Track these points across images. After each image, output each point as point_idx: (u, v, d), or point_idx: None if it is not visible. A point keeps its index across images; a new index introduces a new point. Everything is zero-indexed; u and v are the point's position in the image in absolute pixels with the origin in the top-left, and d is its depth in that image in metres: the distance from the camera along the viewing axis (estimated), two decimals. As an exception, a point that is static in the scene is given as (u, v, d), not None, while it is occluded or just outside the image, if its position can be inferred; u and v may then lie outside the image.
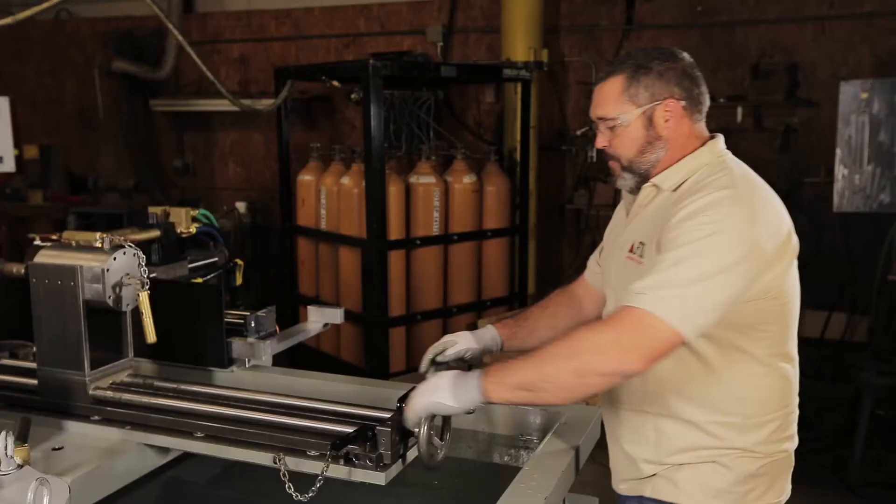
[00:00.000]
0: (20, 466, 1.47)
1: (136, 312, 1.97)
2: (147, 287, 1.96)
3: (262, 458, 1.77)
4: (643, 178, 1.82)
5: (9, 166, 4.23)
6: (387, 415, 1.78)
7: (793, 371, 1.81)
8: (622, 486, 1.90)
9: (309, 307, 2.64)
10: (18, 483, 1.42)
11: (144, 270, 2.00)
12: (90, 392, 1.99)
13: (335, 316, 2.58)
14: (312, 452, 1.75)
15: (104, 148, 6.95)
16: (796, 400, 1.82)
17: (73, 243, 2.04)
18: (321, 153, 5.55)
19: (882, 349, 4.47)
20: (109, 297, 1.93)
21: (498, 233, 5.27)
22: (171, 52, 6.59)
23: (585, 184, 6.10)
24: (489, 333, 2.07)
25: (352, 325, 4.92)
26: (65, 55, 7.75)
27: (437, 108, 5.43)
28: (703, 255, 1.59)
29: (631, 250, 1.81)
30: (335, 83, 5.21)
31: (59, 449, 1.86)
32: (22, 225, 6.69)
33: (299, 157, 5.91)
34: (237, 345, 2.31)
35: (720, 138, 1.84)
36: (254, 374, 2.34)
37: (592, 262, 2.15)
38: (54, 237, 2.20)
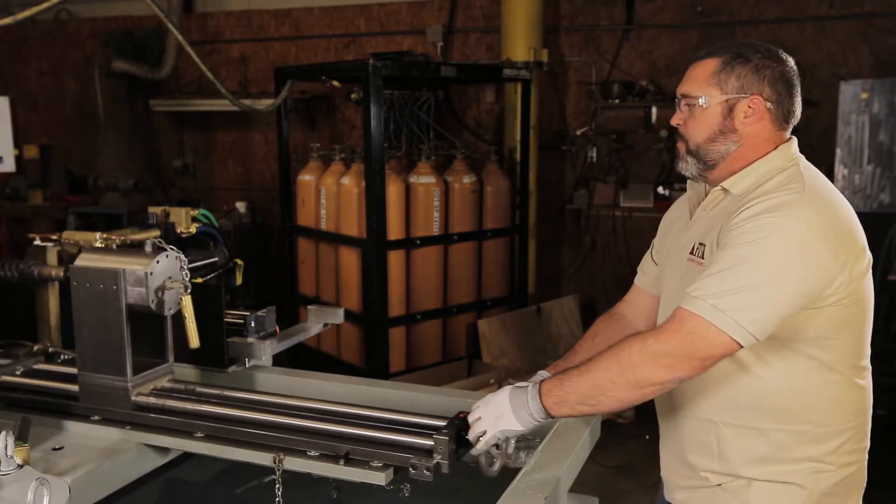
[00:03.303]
0: (20, 466, 1.48)
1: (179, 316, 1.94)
2: (189, 290, 1.94)
3: (262, 458, 1.77)
4: (706, 166, 1.76)
5: (9, 166, 4.22)
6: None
7: (867, 380, 1.80)
8: (678, 495, 1.86)
9: (309, 307, 2.64)
10: (18, 483, 1.42)
11: (186, 274, 1.97)
12: (132, 398, 1.96)
13: (335, 316, 2.59)
14: (312, 452, 1.75)
15: (104, 148, 6.95)
16: (870, 411, 1.82)
17: (114, 245, 2.00)
18: (321, 153, 5.55)
19: (882, 349, 4.46)
20: (152, 301, 1.90)
21: (498, 233, 5.27)
22: (171, 52, 6.59)
23: (585, 184, 6.10)
24: (541, 378, 2.02)
25: (352, 325, 4.91)
26: (65, 55, 7.75)
27: (437, 108, 5.42)
28: (759, 259, 1.56)
29: (692, 252, 1.77)
30: (335, 83, 5.21)
31: (59, 449, 1.86)
32: (22, 225, 6.68)
33: (299, 157, 5.91)
34: (237, 345, 2.31)
35: (793, 142, 1.77)
36: (254, 374, 2.34)
37: (646, 262, 2.07)
38: (54, 237, 2.20)
